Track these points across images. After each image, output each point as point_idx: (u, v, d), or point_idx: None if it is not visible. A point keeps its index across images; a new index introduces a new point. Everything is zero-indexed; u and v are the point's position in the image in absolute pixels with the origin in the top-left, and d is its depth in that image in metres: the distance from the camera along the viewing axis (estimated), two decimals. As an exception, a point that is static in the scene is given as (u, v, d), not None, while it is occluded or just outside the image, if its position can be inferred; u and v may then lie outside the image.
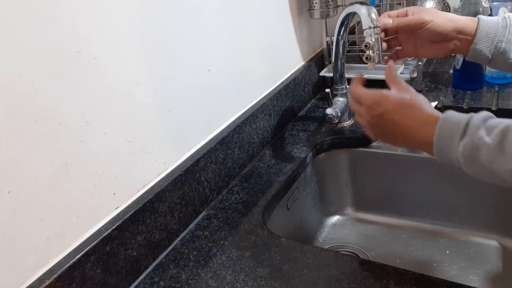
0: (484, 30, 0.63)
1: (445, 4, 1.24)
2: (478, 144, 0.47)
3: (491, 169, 0.46)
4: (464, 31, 0.64)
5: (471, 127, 0.48)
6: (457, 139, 0.49)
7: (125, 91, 0.62)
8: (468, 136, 0.48)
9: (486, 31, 0.63)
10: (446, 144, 0.50)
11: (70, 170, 0.55)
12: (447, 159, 0.51)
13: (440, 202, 0.91)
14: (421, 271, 0.57)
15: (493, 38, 0.62)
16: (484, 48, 0.63)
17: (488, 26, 0.63)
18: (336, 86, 0.99)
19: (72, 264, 0.54)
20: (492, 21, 0.63)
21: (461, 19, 0.65)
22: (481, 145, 0.46)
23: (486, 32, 0.63)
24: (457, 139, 0.49)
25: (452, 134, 0.49)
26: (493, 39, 0.62)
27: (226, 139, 0.82)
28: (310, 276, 0.60)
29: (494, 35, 0.62)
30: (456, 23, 0.64)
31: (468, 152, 0.48)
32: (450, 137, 0.50)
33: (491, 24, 0.63)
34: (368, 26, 0.68)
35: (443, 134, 0.50)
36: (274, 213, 0.80)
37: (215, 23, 0.79)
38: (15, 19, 0.47)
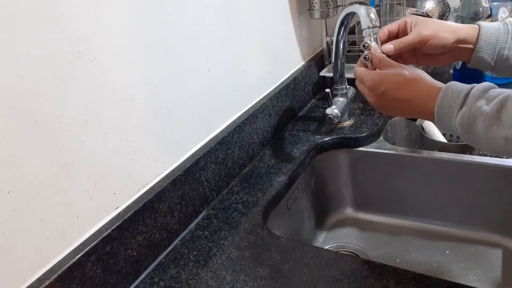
0: (486, 37, 0.62)
1: (445, 5, 1.24)
2: (476, 114, 0.48)
3: (486, 138, 0.48)
4: (466, 40, 0.63)
5: (470, 97, 0.50)
6: (457, 109, 0.51)
7: (125, 91, 0.62)
8: (466, 106, 0.50)
9: (488, 39, 0.62)
10: (446, 114, 0.52)
11: (70, 170, 0.55)
12: (448, 128, 0.54)
13: (440, 202, 0.91)
14: (421, 271, 0.57)
15: (495, 45, 0.62)
16: (486, 56, 0.63)
17: (490, 34, 0.62)
18: (336, 86, 0.99)
19: (72, 264, 0.54)
20: (493, 28, 0.62)
21: (462, 28, 0.64)
22: (478, 115, 0.48)
23: (488, 39, 0.62)
24: (457, 109, 0.51)
25: (452, 104, 0.52)
26: (495, 46, 0.62)
27: (226, 139, 0.82)
28: (310, 276, 0.60)
29: (496, 42, 0.62)
30: (458, 34, 0.63)
31: (465, 121, 0.50)
32: (450, 107, 0.52)
33: (492, 31, 0.62)
34: (367, 26, 0.68)
35: (444, 105, 0.52)
36: (274, 213, 0.80)
37: (215, 23, 0.79)
38: (15, 19, 0.47)
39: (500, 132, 0.46)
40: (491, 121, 0.47)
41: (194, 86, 0.76)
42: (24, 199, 0.50)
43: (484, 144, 0.49)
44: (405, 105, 0.58)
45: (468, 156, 0.87)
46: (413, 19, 0.66)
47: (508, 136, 0.45)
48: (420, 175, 0.91)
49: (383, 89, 0.59)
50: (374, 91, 0.60)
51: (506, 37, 0.61)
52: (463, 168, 0.86)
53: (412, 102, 0.57)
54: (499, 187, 0.84)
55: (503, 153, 0.48)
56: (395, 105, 0.59)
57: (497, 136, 0.46)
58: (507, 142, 0.46)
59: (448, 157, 0.87)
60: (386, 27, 0.68)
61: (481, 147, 0.50)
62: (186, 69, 0.73)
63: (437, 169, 0.89)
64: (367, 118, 1.03)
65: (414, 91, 0.57)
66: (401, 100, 0.58)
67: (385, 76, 0.59)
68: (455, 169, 0.87)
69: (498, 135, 0.46)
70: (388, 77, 0.59)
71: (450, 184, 0.89)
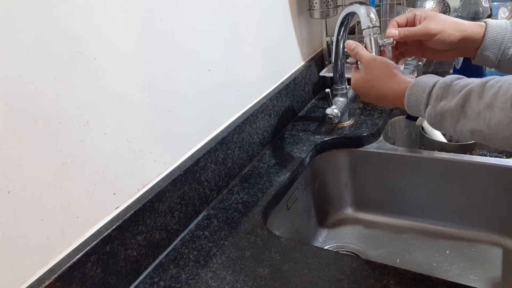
0: (492, 36, 0.62)
1: (445, 4, 1.24)
2: (442, 112, 0.51)
3: (455, 132, 0.51)
4: (472, 38, 0.64)
5: (433, 97, 0.53)
6: (423, 107, 0.54)
7: (125, 91, 0.62)
8: (431, 106, 0.53)
9: (493, 37, 0.62)
10: (416, 111, 0.56)
11: (70, 170, 0.55)
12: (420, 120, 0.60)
13: (440, 202, 0.91)
14: (421, 271, 0.57)
15: (500, 44, 0.62)
16: (491, 54, 0.63)
17: (496, 32, 0.62)
18: (336, 86, 0.99)
19: (72, 264, 0.54)
20: (500, 27, 0.62)
21: (469, 26, 0.64)
22: (444, 112, 0.51)
23: (494, 38, 0.62)
24: (423, 107, 0.54)
25: (418, 103, 0.55)
26: (501, 45, 0.62)
27: (226, 139, 0.82)
28: (310, 276, 0.60)
29: (502, 41, 0.62)
30: (464, 32, 0.64)
31: (433, 120, 0.53)
32: (417, 106, 0.55)
33: (499, 29, 0.62)
34: (367, 26, 0.68)
35: (411, 104, 0.56)
36: (274, 213, 0.80)
37: (215, 23, 0.79)
38: (15, 19, 0.47)
39: (466, 126, 0.49)
40: (457, 116, 0.49)
41: (194, 86, 0.76)
42: (24, 199, 0.50)
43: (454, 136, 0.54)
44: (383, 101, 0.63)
45: (468, 156, 0.87)
46: (423, 12, 0.67)
47: (473, 129, 0.48)
48: (420, 175, 0.91)
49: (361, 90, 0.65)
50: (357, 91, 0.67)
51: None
52: (463, 168, 0.86)
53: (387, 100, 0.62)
54: (499, 187, 0.84)
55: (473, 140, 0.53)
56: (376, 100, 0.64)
57: (464, 129, 0.49)
58: (472, 134, 0.49)
59: (448, 157, 0.87)
60: (395, 19, 0.69)
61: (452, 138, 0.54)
62: (186, 69, 0.73)
63: (437, 169, 0.89)
64: (367, 118, 1.03)
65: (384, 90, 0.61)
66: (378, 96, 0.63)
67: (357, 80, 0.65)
68: (455, 169, 0.87)
69: (465, 129, 0.49)
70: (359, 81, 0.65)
71: (450, 184, 0.89)
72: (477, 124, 0.47)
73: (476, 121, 0.47)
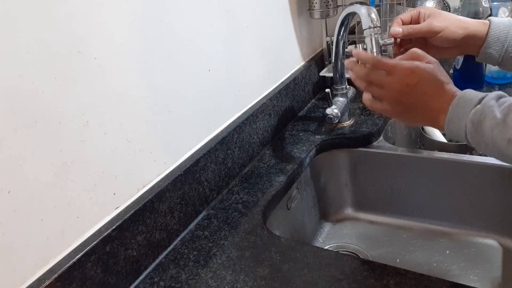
0: (495, 34, 0.62)
1: (445, 4, 1.24)
2: (487, 112, 0.50)
3: (491, 137, 0.49)
4: (475, 36, 0.64)
5: (486, 98, 0.51)
6: (471, 107, 0.52)
7: (125, 91, 0.62)
8: (482, 104, 0.51)
9: (497, 35, 0.62)
10: (460, 112, 0.53)
11: (70, 170, 0.55)
12: (455, 129, 0.54)
13: (440, 202, 0.91)
14: (421, 271, 0.57)
15: (503, 41, 0.62)
16: (494, 52, 0.63)
17: (500, 30, 0.62)
18: (336, 86, 0.99)
19: (72, 264, 0.54)
20: (504, 24, 0.62)
21: (473, 24, 0.64)
22: (489, 113, 0.49)
23: (497, 36, 0.62)
24: (471, 107, 0.52)
25: (467, 105, 0.52)
26: (504, 43, 0.62)
27: (226, 139, 0.82)
28: (310, 276, 0.60)
29: (505, 39, 0.62)
30: (468, 29, 0.64)
31: (477, 118, 0.50)
32: (465, 107, 0.52)
33: (502, 27, 0.62)
34: (368, 26, 0.68)
35: (460, 105, 0.53)
36: (274, 213, 0.80)
37: (215, 23, 0.79)
38: (15, 19, 0.47)
39: (504, 133, 0.48)
40: (498, 122, 0.48)
41: (194, 86, 0.76)
42: (24, 199, 0.50)
43: (490, 144, 0.50)
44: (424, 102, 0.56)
45: (468, 156, 0.87)
46: (427, 10, 0.67)
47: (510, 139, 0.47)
48: (420, 175, 0.91)
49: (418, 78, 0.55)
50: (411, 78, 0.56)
51: None
52: (463, 168, 0.86)
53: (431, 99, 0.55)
54: (499, 187, 0.84)
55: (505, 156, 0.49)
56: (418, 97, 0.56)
57: (501, 137, 0.48)
58: (509, 143, 0.47)
59: (448, 157, 0.87)
60: (399, 16, 0.69)
61: (486, 147, 0.51)
62: (186, 69, 0.73)
63: (437, 169, 0.89)
64: (367, 118, 1.03)
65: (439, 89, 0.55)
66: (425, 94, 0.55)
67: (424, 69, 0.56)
68: (455, 169, 0.87)
69: (502, 136, 0.48)
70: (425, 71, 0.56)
71: (450, 184, 0.89)
72: None
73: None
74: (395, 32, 0.66)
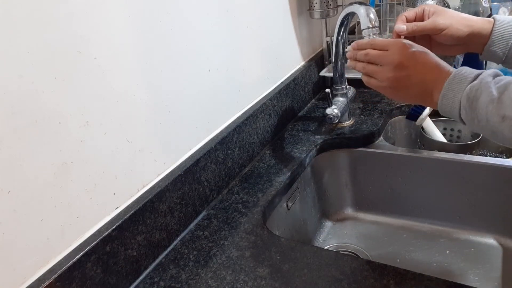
0: (500, 32, 0.63)
1: (445, 4, 1.24)
2: (483, 88, 0.50)
3: (486, 113, 0.49)
4: (480, 34, 0.64)
5: (483, 74, 0.52)
6: (467, 82, 0.53)
7: (125, 91, 0.62)
8: (478, 80, 0.52)
9: (501, 33, 0.62)
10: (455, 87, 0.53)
11: (70, 170, 0.55)
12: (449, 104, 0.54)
13: (440, 202, 0.91)
14: (421, 271, 0.57)
15: (508, 39, 0.62)
16: (498, 50, 0.63)
17: (504, 28, 0.62)
18: (336, 86, 0.99)
19: (72, 264, 0.54)
20: (508, 22, 0.63)
21: (477, 22, 0.64)
22: (485, 89, 0.50)
23: (502, 34, 0.62)
24: (467, 82, 0.53)
25: (464, 79, 0.53)
26: (508, 40, 0.62)
27: (226, 139, 0.82)
28: (310, 276, 0.60)
29: (510, 36, 0.62)
30: (472, 27, 0.64)
31: (473, 93, 0.51)
32: (461, 82, 0.53)
33: (507, 25, 0.62)
34: (367, 26, 0.69)
35: (455, 80, 0.54)
36: (274, 213, 0.80)
37: (215, 23, 0.79)
38: (15, 19, 0.47)
39: (498, 110, 0.48)
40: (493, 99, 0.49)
41: (194, 86, 0.76)
42: (24, 199, 0.50)
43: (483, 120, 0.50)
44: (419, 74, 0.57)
45: (468, 156, 0.87)
46: (432, 7, 0.67)
47: (505, 115, 0.48)
48: (420, 175, 0.91)
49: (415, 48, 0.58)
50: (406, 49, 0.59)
51: None
52: (463, 168, 0.86)
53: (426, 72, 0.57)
54: (499, 187, 0.84)
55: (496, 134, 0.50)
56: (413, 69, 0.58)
57: (495, 113, 0.49)
58: (503, 120, 0.48)
59: (448, 157, 0.87)
60: (403, 14, 0.69)
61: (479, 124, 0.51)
62: (186, 69, 0.73)
63: (437, 169, 0.89)
64: (367, 118, 1.03)
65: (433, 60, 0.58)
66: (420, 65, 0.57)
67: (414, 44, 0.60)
68: (455, 169, 0.87)
69: (496, 112, 0.48)
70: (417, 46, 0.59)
71: (450, 184, 0.89)
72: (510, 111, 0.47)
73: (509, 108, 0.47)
74: (399, 30, 0.66)
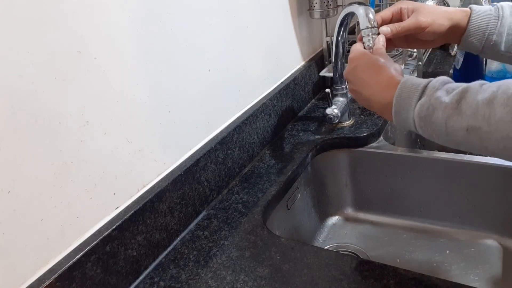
0: (476, 22, 0.62)
1: (445, 4, 1.24)
2: (435, 105, 0.48)
3: (446, 128, 0.47)
4: (458, 25, 0.64)
5: (429, 88, 0.50)
6: (415, 99, 0.50)
7: (125, 91, 0.62)
8: (426, 96, 0.49)
9: (478, 24, 0.62)
10: (404, 105, 0.51)
11: (70, 170, 0.55)
12: (403, 122, 0.53)
13: (440, 202, 0.91)
14: (421, 271, 0.57)
15: (484, 30, 0.62)
16: (475, 41, 0.63)
17: (481, 18, 0.62)
18: (336, 86, 0.99)
19: (72, 264, 0.54)
20: (484, 12, 0.62)
21: (456, 14, 0.64)
22: (438, 105, 0.47)
23: (478, 24, 0.62)
24: (415, 99, 0.50)
25: (411, 95, 0.51)
26: (485, 31, 0.62)
27: (226, 139, 0.82)
28: (310, 276, 0.60)
29: (486, 27, 0.62)
30: (452, 20, 0.64)
31: (424, 112, 0.49)
32: (409, 98, 0.51)
33: (483, 15, 0.62)
34: (366, 26, 0.68)
35: (402, 96, 0.52)
36: (274, 213, 0.80)
37: (215, 23, 0.79)
38: (15, 19, 0.47)
39: (460, 123, 0.45)
40: (451, 111, 0.46)
41: (194, 86, 0.76)
42: (24, 199, 0.50)
43: (443, 136, 0.48)
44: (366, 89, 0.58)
45: (468, 156, 0.87)
46: (409, 5, 0.66)
47: (470, 126, 0.44)
48: (420, 175, 0.91)
49: (355, 64, 0.60)
50: (350, 64, 0.62)
51: (496, 23, 0.61)
52: (463, 168, 0.86)
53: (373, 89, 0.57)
54: (499, 187, 0.84)
55: (462, 145, 0.47)
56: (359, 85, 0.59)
57: (457, 127, 0.45)
58: (468, 132, 0.45)
59: (448, 157, 0.87)
60: (379, 14, 0.68)
61: (439, 139, 0.49)
62: (186, 69, 0.73)
63: (437, 169, 0.89)
64: (367, 118, 1.03)
65: (376, 78, 0.57)
66: (364, 82, 0.58)
67: (362, 55, 0.61)
68: (455, 169, 0.87)
69: (458, 126, 0.45)
70: (363, 57, 0.60)
71: (450, 184, 0.89)
72: (474, 120, 0.44)
73: (473, 117, 0.44)
74: (384, 32, 0.66)
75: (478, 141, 0.44)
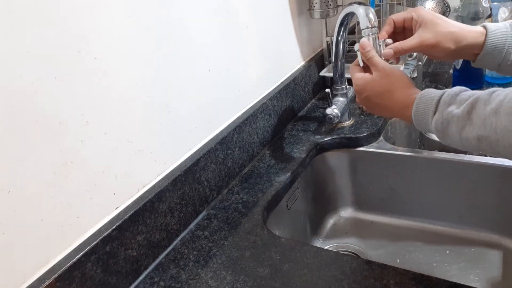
0: (493, 42, 0.60)
1: (445, 4, 1.24)
2: (448, 118, 0.52)
3: (460, 139, 0.51)
4: (472, 46, 0.61)
5: (441, 103, 0.53)
6: (431, 115, 0.55)
7: (125, 91, 0.62)
8: (439, 112, 0.53)
9: (495, 44, 0.60)
10: (422, 120, 0.56)
11: (70, 170, 0.55)
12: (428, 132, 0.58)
13: (440, 202, 0.91)
14: (421, 271, 0.57)
15: (501, 49, 0.59)
16: (492, 59, 0.61)
17: (497, 38, 0.60)
18: (336, 86, 0.99)
19: (72, 264, 0.54)
20: (500, 31, 0.60)
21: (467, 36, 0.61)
22: (450, 118, 0.51)
23: (495, 44, 0.60)
24: (431, 115, 0.55)
25: (426, 111, 0.55)
26: (502, 50, 0.59)
27: (226, 139, 0.82)
28: (310, 276, 0.60)
29: (503, 46, 0.59)
30: (461, 43, 0.61)
31: (440, 126, 0.53)
32: (425, 114, 0.56)
33: (500, 35, 0.59)
34: (366, 26, 0.68)
35: (419, 113, 0.56)
36: (274, 213, 0.80)
37: (215, 23, 0.79)
38: (15, 19, 0.47)
39: (472, 132, 0.49)
40: (463, 122, 0.49)
41: (194, 86, 0.76)
42: (24, 199, 0.50)
43: (459, 145, 0.52)
44: (386, 111, 0.64)
45: (468, 156, 0.87)
46: (420, 17, 0.64)
47: (480, 135, 0.48)
48: (420, 175, 0.91)
49: (366, 94, 0.64)
50: (359, 95, 0.65)
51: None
52: (463, 168, 0.86)
53: (391, 110, 0.62)
54: (499, 187, 0.84)
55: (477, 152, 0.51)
56: (377, 108, 0.64)
57: (469, 136, 0.49)
58: (479, 141, 0.48)
59: (448, 157, 0.87)
60: (391, 17, 0.67)
61: (457, 147, 0.53)
62: (186, 69, 0.73)
63: (437, 169, 0.89)
64: (367, 118, 1.03)
65: (391, 101, 0.61)
66: (381, 106, 0.63)
67: (366, 84, 0.63)
68: (455, 169, 0.87)
69: (471, 135, 0.49)
70: (369, 86, 0.63)
71: (450, 184, 0.89)
72: (483, 130, 0.47)
73: (482, 127, 0.47)
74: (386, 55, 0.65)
75: (489, 148, 0.48)
